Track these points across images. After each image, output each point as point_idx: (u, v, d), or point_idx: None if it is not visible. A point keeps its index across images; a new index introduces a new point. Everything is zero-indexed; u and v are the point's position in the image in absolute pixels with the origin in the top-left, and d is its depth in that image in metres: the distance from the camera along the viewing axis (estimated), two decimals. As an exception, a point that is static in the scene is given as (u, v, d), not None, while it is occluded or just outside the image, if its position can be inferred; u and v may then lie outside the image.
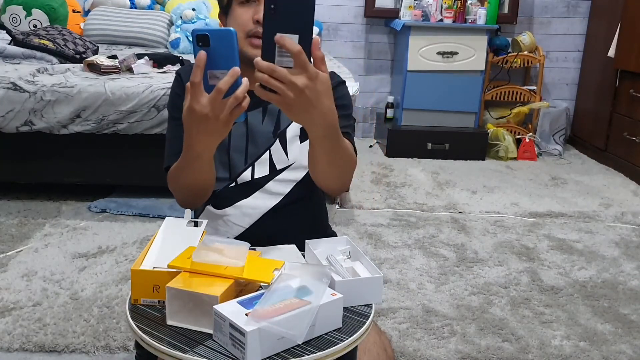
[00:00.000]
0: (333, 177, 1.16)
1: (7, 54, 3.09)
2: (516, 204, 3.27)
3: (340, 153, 1.09)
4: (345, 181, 1.20)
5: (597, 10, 4.52)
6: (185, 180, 1.17)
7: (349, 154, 1.16)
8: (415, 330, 1.98)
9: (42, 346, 1.80)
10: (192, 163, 1.11)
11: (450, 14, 4.07)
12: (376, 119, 4.70)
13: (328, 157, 1.09)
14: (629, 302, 2.25)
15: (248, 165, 1.30)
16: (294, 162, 1.32)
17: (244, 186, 1.31)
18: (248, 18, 1.19)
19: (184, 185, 1.19)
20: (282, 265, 1.00)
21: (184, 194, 1.22)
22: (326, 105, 0.95)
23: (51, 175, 2.94)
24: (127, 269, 2.29)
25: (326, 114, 0.96)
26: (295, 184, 1.33)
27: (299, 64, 0.89)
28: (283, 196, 1.32)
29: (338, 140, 1.06)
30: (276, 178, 1.31)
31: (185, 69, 1.32)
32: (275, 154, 1.31)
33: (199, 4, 4.03)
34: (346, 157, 1.13)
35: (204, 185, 1.20)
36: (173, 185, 1.24)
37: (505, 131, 4.27)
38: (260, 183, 1.31)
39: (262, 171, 1.31)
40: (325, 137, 1.02)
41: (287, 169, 1.32)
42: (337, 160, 1.10)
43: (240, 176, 1.30)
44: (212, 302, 0.89)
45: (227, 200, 1.32)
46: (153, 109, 2.74)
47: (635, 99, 3.86)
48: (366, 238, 2.72)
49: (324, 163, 1.11)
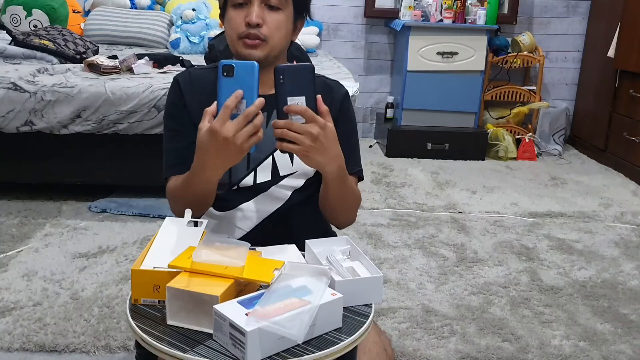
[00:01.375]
0: (341, 212, 1.31)
1: (7, 54, 3.09)
2: (516, 204, 3.28)
3: (348, 191, 1.25)
4: (351, 216, 1.34)
5: (596, 10, 4.52)
6: (188, 199, 1.20)
7: (355, 193, 1.31)
8: (415, 330, 1.98)
9: (42, 346, 1.80)
10: (199, 185, 1.16)
11: (450, 14, 4.07)
12: (376, 119, 4.71)
13: (338, 193, 1.22)
14: (628, 302, 2.25)
15: (250, 170, 1.30)
16: (297, 171, 1.32)
17: (245, 190, 1.31)
18: (240, 21, 1.22)
19: (185, 202, 1.21)
20: (282, 265, 1.00)
21: (183, 208, 1.24)
22: (335, 149, 1.10)
23: (51, 175, 2.94)
24: (128, 268, 2.29)
25: (337, 157, 1.12)
26: (295, 190, 1.34)
27: (309, 118, 1.04)
28: (284, 201, 1.33)
29: (346, 179, 1.22)
30: (278, 184, 1.32)
31: (184, 75, 1.33)
32: (279, 160, 1.31)
33: (199, 4, 4.03)
34: (353, 195, 1.30)
35: (205, 204, 1.24)
36: (173, 200, 1.28)
37: (505, 131, 4.28)
38: (262, 188, 1.31)
39: (264, 176, 1.31)
40: (338, 177, 1.17)
41: (289, 176, 1.32)
42: (345, 197, 1.25)
43: (242, 181, 1.31)
44: (212, 302, 0.90)
45: (229, 203, 1.32)
46: (153, 109, 2.74)
47: (635, 99, 3.87)
48: (366, 238, 2.72)
49: (333, 199, 1.24)
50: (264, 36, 1.21)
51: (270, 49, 1.23)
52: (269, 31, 1.21)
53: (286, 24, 1.24)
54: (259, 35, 1.20)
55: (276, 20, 1.22)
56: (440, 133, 4.17)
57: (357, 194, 1.32)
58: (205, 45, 3.79)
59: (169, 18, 4.10)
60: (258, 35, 1.20)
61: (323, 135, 1.05)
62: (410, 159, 4.12)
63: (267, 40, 1.21)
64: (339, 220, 1.34)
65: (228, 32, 1.25)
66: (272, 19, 1.22)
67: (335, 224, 1.36)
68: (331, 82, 1.38)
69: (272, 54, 1.23)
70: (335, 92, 1.35)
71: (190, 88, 1.29)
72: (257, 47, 1.21)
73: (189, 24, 3.96)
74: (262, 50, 1.22)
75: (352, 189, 1.28)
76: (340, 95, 1.35)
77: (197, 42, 3.94)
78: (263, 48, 1.22)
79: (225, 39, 1.88)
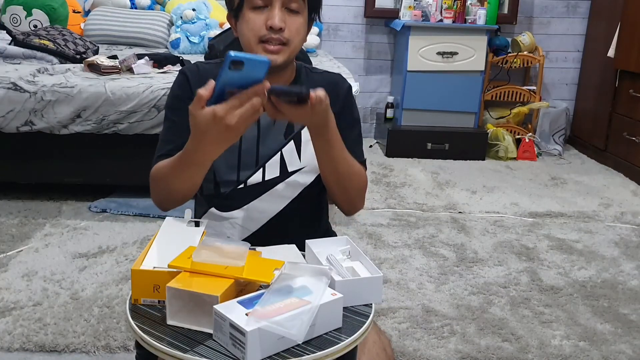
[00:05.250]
0: (340, 189, 1.26)
1: (7, 54, 3.09)
2: (516, 204, 3.28)
3: (344, 164, 1.21)
4: (353, 197, 1.29)
5: (596, 11, 4.52)
6: (174, 184, 1.16)
7: (357, 170, 1.26)
8: (415, 330, 1.98)
9: (42, 346, 1.80)
10: (189, 169, 1.11)
11: (450, 14, 4.07)
12: (376, 119, 4.71)
13: (329, 161, 1.19)
14: (628, 302, 2.25)
15: (259, 167, 1.30)
16: (305, 166, 1.32)
17: (253, 188, 1.31)
18: (261, 24, 1.19)
19: (170, 188, 1.18)
20: (282, 265, 1.00)
21: (165, 195, 1.21)
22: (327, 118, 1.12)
23: (51, 175, 2.94)
24: (128, 268, 2.29)
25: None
26: (303, 188, 1.33)
27: None
28: (290, 200, 1.32)
29: (335, 144, 1.17)
30: (286, 181, 1.31)
31: (191, 68, 1.30)
32: (287, 155, 1.31)
33: (199, 4, 4.03)
34: (353, 172, 1.25)
35: (189, 192, 1.20)
36: (156, 184, 1.22)
37: (505, 131, 4.28)
38: (271, 185, 1.31)
39: (272, 172, 1.30)
40: (320, 135, 1.14)
41: (297, 172, 1.32)
42: (340, 167, 1.21)
43: (251, 178, 1.30)
44: (212, 302, 0.90)
45: (235, 203, 1.31)
46: (153, 109, 2.74)
47: (635, 99, 3.87)
48: (366, 238, 2.72)
49: (333, 177, 1.22)
50: (286, 40, 1.19)
51: (290, 52, 1.21)
52: (290, 35, 1.19)
53: (304, 27, 1.24)
54: (282, 40, 1.19)
55: (297, 24, 1.20)
56: (440, 133, 4.17)
57: (360, 172, 1.27)
58: (205, 45, 3.79)
59: (169, 18, 4.10)
60: (281, 40, 1.19)
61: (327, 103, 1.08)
62: (410, 159, 4.12)
63: (288, 45, 1.20)
64: (341, 198, 1.28)
65: (245, 33, 1.21)
66: (293, 22, 1.20)
67: (341, 206, 1.31)
68: (335, 77, 1.37)
69: (291, 57, 1.23)
70: (340, 87, 1.34)
71: (197, 80, 1.25)
72: (279, 52, 1.19)
73: (189, 24, 3.96)
74: (284, 54, 1.20)
75: (352, 165, 1.24)
76: (344, 90, 1.35)
77: (197, 42, 3.94)
78: (284, 52, 1.20)
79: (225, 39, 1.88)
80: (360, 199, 1.31)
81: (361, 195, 1.30)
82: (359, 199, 1.30)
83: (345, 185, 1.25)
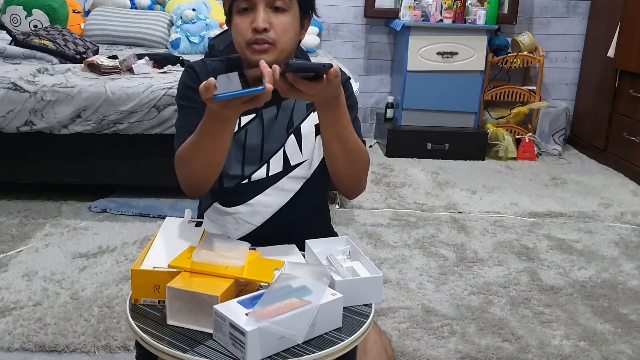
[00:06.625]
0: (353, 168, 1.24)
1: (7, 54, 3.09)
2: (516, 204, 3.28)
3: (348, 137, 1.19)
4: (357, 173, 1.27)
5: (596, 10, 4.52)
6: (195, 164, 1.17)
7: (360, 145, 1.24)
8: (415, 330, 1.98)
9: (42, 346, 1.80)
10: (208, 143, 1.12)
11: (450, 14, 4.07)
12: (376, 119, 4.71)
13: (334, 129, 1.17)
14: (628, 302, 2.25)
15: (263, 163, 1.31)
16: (307, 159, 1.33)
17: (257, 183, 1.32)
18: (246, 27, 1.21)
19: (192, 170, 1.18)
20: (282, 265, 1.01)
21: (189, 178, 1.21)
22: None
23: (51, 175, 2.94)
24: (128, 268, 2.29)
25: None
26: (305, 181, 1.34)
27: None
28: (294, 193, 1.33)
29: (342, 116, 1.16)
30: (289, 175, 1.32)
31: (199, 63, 1.32)
32: (289, 149, 1.32)
33: (199, 4, 4.03)
34: (357, 146, 1.22)
35: (212, 173, 1.20)
36: (181, 167, 1.22)
37: (505, 131, 4.28)
38: (274, 180, 1.32)
39: (276, 167, 1.32)
40: (327, 105, 1.13)
41: (300, 165, 1.33)
42: (354, 149, 1.21)
43: (255, 174, 1.31)
44: (213, 301, 0.90)
45: (239, 198, 1.32)
46: (153, 109, 2.74)
47: (634, 99, 3.87)
48: (366, 238, 2.72)
49: (342, 151, 1.20)
50: (272, 40, 1.20)
51: (279, 52, 1.22)
52: (276, 34, 1.21)
53: (293, 24, 1.24)
54: (267, 40, 1.20)
55: (283, 23, 1.21)
56: (440, 133, 4.17)
57: (364, 149, 1.26)
58: (205, 45, 3.79)
59: (169, 18, 4.10)
60: (266, 40, 1.20)
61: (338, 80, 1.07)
62: (410, 159, 4.12)
63: (276, 44, 1.21)
64: (348, 174, 1.26)
65: (236, 39, 1.24)
66: (279, 21, 1.21)
67: (345, 191, 1.31)
68: None
69: (282, 56, 1.23)
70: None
71: (206, 74, 1.26)
72: (267, 51, 1.21)
73: (189, 24, 3.96)
74: (272, 54, 1.21)
75: (358, 141, 1.23)
76: (342, 79, 1.35)
77: (197, 42, 3.94)
78: (272, 52, 1.21)
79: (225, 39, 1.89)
80: (365, 177, 1.30)
81: (366, 173, 1.30)
82: (364, 176, 1.30)
83: (354, 159, 1.23)
